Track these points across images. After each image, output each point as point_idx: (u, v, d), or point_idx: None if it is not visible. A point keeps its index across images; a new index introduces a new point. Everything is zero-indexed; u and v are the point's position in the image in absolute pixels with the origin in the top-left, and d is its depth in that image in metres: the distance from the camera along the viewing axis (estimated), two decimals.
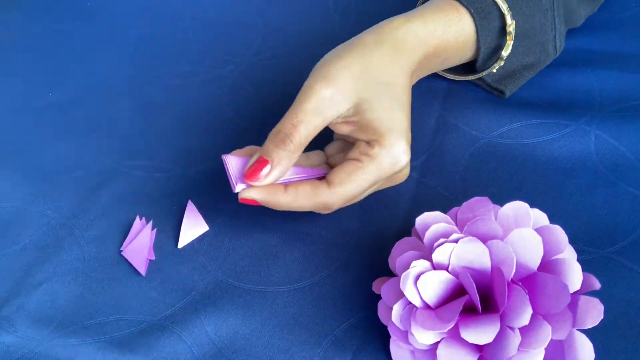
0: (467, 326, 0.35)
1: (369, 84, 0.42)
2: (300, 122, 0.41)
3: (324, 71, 0.42)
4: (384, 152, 0.41)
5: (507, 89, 0.52)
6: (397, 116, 0.42)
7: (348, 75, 0.42)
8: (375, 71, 0.42)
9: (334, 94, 0.41)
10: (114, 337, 0.41)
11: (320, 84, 0.41)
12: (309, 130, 0.41)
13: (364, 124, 0.42)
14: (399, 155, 0.41)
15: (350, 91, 0.41)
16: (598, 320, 0.34)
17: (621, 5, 0.59)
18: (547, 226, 0.37)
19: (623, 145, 0.48)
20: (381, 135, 0.41)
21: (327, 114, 0.41)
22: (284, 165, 0.41)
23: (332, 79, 0.41)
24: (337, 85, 0.41)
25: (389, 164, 0.41)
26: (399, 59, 0.44)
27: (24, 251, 0.46)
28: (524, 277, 0.36)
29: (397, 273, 0.38)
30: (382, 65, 0.43)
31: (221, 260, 0.45)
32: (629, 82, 0.52)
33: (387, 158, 0.41)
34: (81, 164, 0.51)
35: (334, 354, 0.40)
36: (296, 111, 0.41)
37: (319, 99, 0.41)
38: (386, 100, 0.42)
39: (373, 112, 0.41)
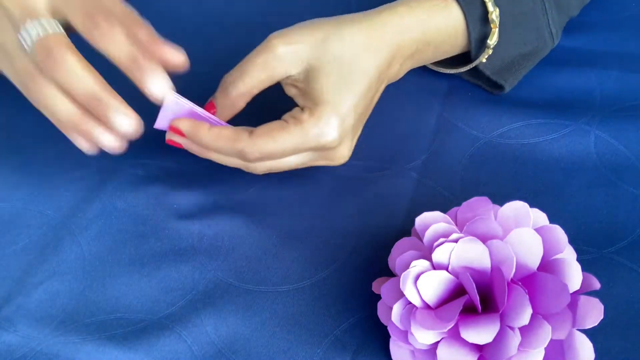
0: (467, 326, 0.35)
1: (326, 55, 0.42)
2: (246, 73, 0.42)
3: (287, 31, 0.43)
4: (312, 120, 0.41)
5: (507, 82, 0.51)
6: (340, 95, 0.41)
7: (309, 40, 0.42)
8: (339, 45, 0.42)
9: (288, 54, 0.42)
10: (115, 335, 0.41)
11: (278, 39, 0.42)
12: (253, 82, 0.42)
13: (307, 92, 0.42)
14: (327, 129, 0.41)
15: (304, 56, 0.42)
16: (598, 320, 0.34)
17: (621, 5, 0.59)
18: (546, 226, 0.37)
19: (623, 145, 0.48)
20: (315, 105, 0.41)
21: (275, 71, 0.42)
22: (228, 112, 0.43)
23: (292, 39, 0.42)
24: (293, 46, 0.42)
25: (314, 135, 0.41)
26: (375, 43, 0.43)
27: (24, 251, 0.46)
28: (523, 277, 0.36)
29: (397, 273, 0.38)
30: (350, 42, 0.42)
31: (221, 260, 0.45)
32: (629, 82, 0.52)
33: (313, 128, 0.41)
34: (81, 164, 0.51)
35: (334, 354, 0.40)
36: (245, 62, 0.42)
37: (271, 55, 0.42)
38: (336, 77, 0.41)
39: (317, 82, 0.41)
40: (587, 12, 0.59)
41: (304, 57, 0.42)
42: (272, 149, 0.41)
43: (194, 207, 0.48)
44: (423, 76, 0.55)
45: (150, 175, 0.50)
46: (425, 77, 0.55)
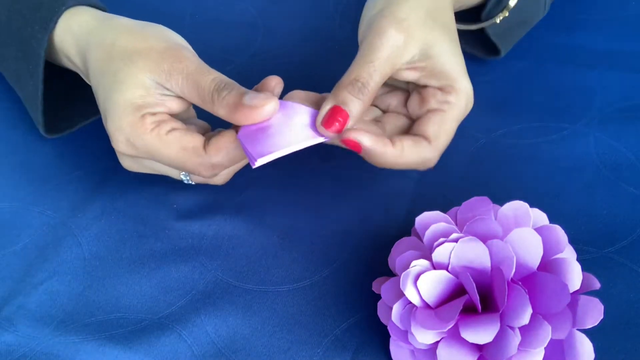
0: (467, 326, 0.35)
1: (434, 27, 0.41)
2: (377, 70, 0.39)
3: (394, 13, 0.40)
4: (460, 96, 0.41)
5: (503, 47, 0.52)
6: (460, 59, 0.42)
7: (415, 18, 0.40)
8: (436, 14, 0.42)
9: (406, 40, 0.40)
10: (115, 335, 0.41)
11: (393, 28, 0.40)
12: (382, 79, 0.40)
13: (434, 70, 0.41)
14: (470, 94, 0.42)
15: (418, 36, 0.40)
16: (598, 320, 0.34)
17: (621, 5, 0.59)
18: (546, 226, 0.37)
19: (623, 145, 0.48)
20: (454, 80, 0.41)
21: (397, 61, 0.40)
22: (361, 110, 0.40)
23: (403, 23, 0.40)
24: (408, 30, 0.40)
25: (465, 106, 0.42)
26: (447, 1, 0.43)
27: (24, 251, 0.46)
28: (523, 277, 0.36)
29: (397, 273, 0.38)
30: (441, 7, 0.42)
31: (221, 259, 0.45)
32: (629, 81, 0.52)
33: (463, 101, 0.41)
34: (81, 164, 0.51)
35: (334, 353, 0.40)
36: (372, 59, 0.39)
37: (393, 47, 0.40)
38: (451, 45, 0.42)
39: (441, 56, 0.41)
40: (587, 12, 0.59)
41: (420, 38, 0.40)
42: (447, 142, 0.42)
43: (194, 207, 0.48)
44: None
45: (150, 176, 0.50)
46: None
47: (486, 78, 0.54)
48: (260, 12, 0.63)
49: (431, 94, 0.42)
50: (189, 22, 0.62)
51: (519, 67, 0.55)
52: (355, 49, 0.42)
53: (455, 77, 0.41)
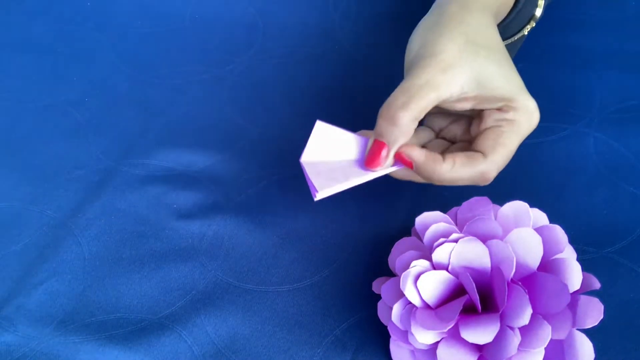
0: (467, 326, 0.35)
1: (479, 54, 0.40)
2: (413, 96, 0.39)
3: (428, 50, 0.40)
4: (520, 114, 0.41)
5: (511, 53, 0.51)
6: (515, 77, 0.41)
7: (455, 49, 0.40)
8: (478, 38, 0.41)
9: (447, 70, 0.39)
10: (115, 335, 0.41)
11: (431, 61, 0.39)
12: (422, 105, 0.39)
13: (488, 96, 0.40)
14: (533, 112, 0.41)
15: (462, 66, 0.40)
16: (598, 320, 0.34)
17: (621, 5, 0.59)
18: (546, 226, 0.37)
19: (623, 146, 0.48)
20: (511, 100, 0.40)
21: (441, 89, 0.39)
22: (401, 143, 0.39)
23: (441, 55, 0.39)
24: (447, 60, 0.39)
25: (527, 123, 0.41)
26: (488, 19, 0.42)
27: (24, 251, 0.46)
28: (523, 277, 0.36)
29: (397, 273, 0.38)
30: (481, 30, 0.41)
31: (221, 260, 0.45)
32: (629, 81, 0.52)
33: (524, 118, 0.41)
34: (81, 164, 0.51)
35: (334, 354, 0.40)
36: (408, 86, 0.39)
37: (432, 75, 0.39)
38: (501, 66, 0.41)
39: (494, 82, 0.40)
40: (587, 12, 0.59)
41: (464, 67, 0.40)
42: (507, 158, 0.41)
43: (194, 207, 0.48)
44: None
45: (150, 175, 0.50)
46: None
47: None
48: (260, 12, 0.63)
49: (488, 114, 0.41)
50: (189, 22, 0.62)
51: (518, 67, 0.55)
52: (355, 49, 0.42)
53: (510, 97, 0.40)
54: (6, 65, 0.60)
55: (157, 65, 0.58)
